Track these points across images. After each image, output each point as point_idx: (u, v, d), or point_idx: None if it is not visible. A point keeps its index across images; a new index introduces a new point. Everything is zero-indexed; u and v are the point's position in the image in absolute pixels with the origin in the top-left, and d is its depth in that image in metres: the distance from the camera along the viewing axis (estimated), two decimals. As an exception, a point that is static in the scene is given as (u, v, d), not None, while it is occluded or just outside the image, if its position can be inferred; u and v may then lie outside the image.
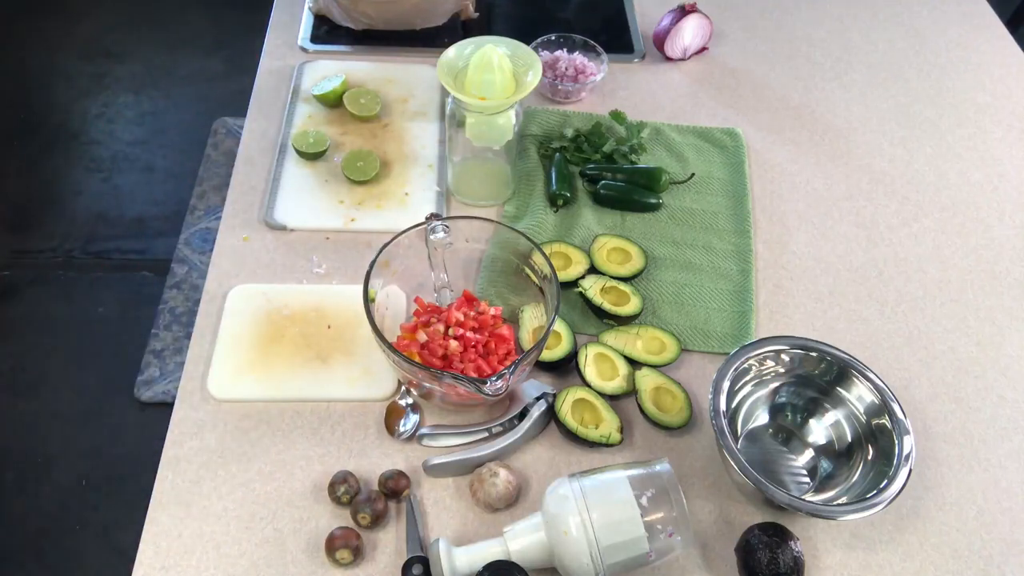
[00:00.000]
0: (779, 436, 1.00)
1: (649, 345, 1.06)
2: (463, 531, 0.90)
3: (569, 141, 1.28)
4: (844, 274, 1.18)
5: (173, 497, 0.91)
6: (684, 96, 1.42)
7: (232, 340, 1.02)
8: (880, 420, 0.94)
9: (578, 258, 1.13)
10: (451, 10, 1.44)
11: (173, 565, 0.86)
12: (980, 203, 1.30)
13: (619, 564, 0.81)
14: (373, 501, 0.88)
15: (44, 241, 2.33)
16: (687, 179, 1.27)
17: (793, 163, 1.33)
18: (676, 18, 1.43)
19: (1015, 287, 1.19)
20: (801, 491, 0.95)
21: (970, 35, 1.59)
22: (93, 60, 2.83)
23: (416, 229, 0.98)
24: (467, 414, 0.99)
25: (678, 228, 1.21)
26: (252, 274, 1.11)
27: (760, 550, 0.85)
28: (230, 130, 2.61)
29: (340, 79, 1.31)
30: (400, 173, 1.23)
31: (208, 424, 0.96)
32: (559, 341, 1.03)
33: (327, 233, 1.16)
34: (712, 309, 1.11)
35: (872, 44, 1.56)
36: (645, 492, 0.82)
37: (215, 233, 1.31)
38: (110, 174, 2.51)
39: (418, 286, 1.04)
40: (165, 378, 2.03)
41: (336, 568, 0.86)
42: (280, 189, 1.20)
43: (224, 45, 2.91)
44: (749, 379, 0.98)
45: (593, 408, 0.98)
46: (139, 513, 0.89)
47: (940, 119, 1.43)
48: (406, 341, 0.97)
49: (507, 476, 0.91)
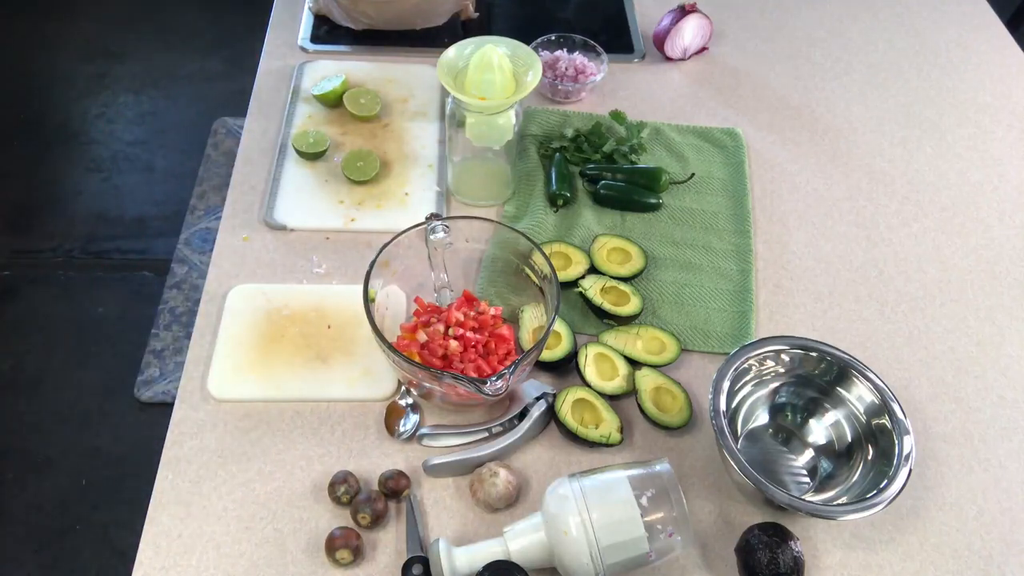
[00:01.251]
0: (779, 436, 1.00)
1: (649, 345, 1.06)
2: (463, 531, 0.90)
3: (569, 141, 1.28)
4: (844, 274, 1.18)
5: (173, 497, 0.91)
6: (684, 96, 1.42)
7: (232, 340, 1.02)
8: (880, 420, 0.94)
9: (578, 258, 1.13)
10: (451, 10, 1.44)
11: (173, 565, 0.86)
12: (980, 203, 1.30)
13: (619, 564, 0.81)
14: (373, 501, 0.88)
15: (44, 241, 2.33)
16: (687, 179, 1.27)
17: (793, 163, 1.33)
18: (676, 18, 1.43)
19: (1015, 287, 1.19)
20: (801, 491, 0.95)
21: (970, 35, 1.59)
22: (93, 60, 2.83)
23: (416, 229, 0.98)
24: (467, 414, 0.99)
25: (678, 228, 1.21)
26: (252, 274, 1.11)
27: (760, 550, 0.85)
28: (230, 130, 2.61)
29: (340, 79, 1.31)
30: (400, 173, 1.23)
31: (208, 424, 0.96)
32: (559, 341, 1.03)
33: (327, 233, 1.16)
34: (712, 309, 1.11)
35: (872, 44, 1.56)
36: (645, 492, 0.82)
37: (215, 233, 1.31)
38: (110, 174, 2.51)
39: (418, 286, 1.04)
40: (165, 378, 2.03)
41: (336, 568, 0.86)
42: (280, 189, 1.20)
43: (224, 45, 2.91)
44: (749, 379, 0.98)
45: (593, 408, 0.98)
46: (139, 513, 0.89)
47: (940, 119, 1.43)
48: (406, 341, 0.97)
49: (507, 476, 0.91)
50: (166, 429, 0.96)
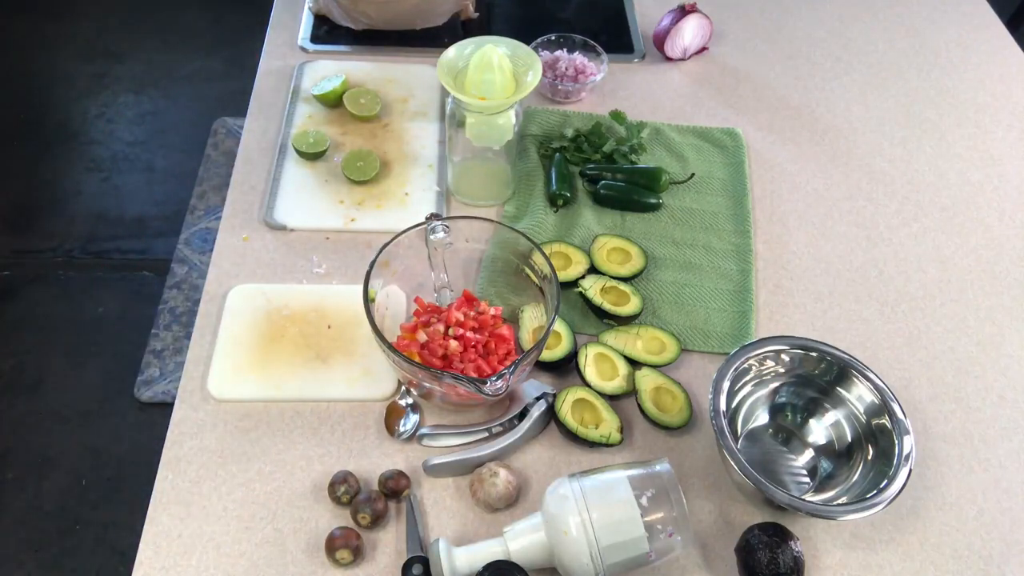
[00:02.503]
0: (779, 436, 1.00)
1: (649, 345, 1.05)
2: (463, 531, 0.90)
3: (569, 141, 1.28)
4: (844, 274, 1.18)
5: (173, 497, 0.91)
6: (684, 96, 1.42)
7: (232, 340, 1.02)
8: (880, 420, 0.94)
9: (578, 258, 1.13)
10: (451, 10, 1.44)
11: (173, 565, 0.86)
12: (980, 203, 1.30)
13: (619, 564, 0.81)
14: (373, 501, 0.88)
15: (44, 241, 2.32)
16: (687, 179, 1.27)
17: (793, 163, 1.33)
18: (676, 18, 1.43)
19: (1015, 287, 1.19)
20: (801, 491, 0.95)
21: (970, 35, 1.59)
22: (93, 60, 2.83)
23: (416, 229, 0.98)
24: (467, 414, 0.99)
25: (678, 228, 1.21)
26: (252, 274, 1.11)
27: (760, 550, 0.85)
28: (230, 130, 2.61)
29: (340, 79, 1.31)
30: (400, 173, 1.23)
31: (208, 424, 0.96)
32: (559, 341, 1.03)
33: (327, 233, 1.16)
34: (712, 309, 1.11)
35: (872, 44, 1.56)
36: (645, 492, 0.83)
37: (215, 233, 1.31)
38: (110, 174, 2.51)
39: (418, 286, 1.04)
40: (165, 378, 2.03)
41: (336, 568, 0.86)
42: (280, 189, 1.20)
43: (224, 45, 2.91)
44: (749, 379, 0.98)
45: (593, 408, 0.98)
46: (139, 513, 0.89)
47: (940, 119, 1.43)
48: (406, 341, 0.97)
49: (507, 476, 0.91)
50: (166, 429, 0.96)
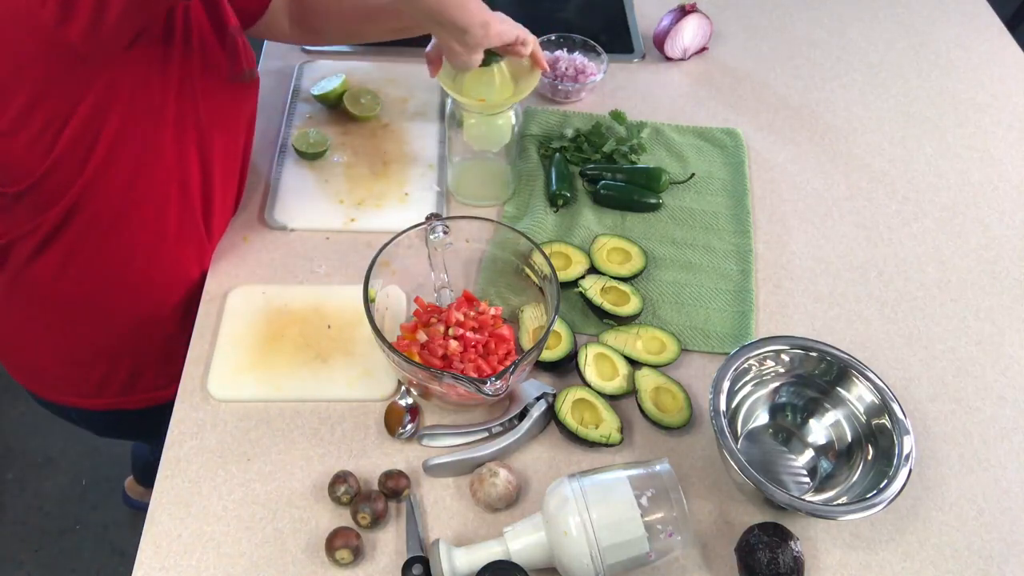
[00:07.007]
0: (779, 436, 1.00)
1: (649, 345, 1.06)
2: (463, 531, 0.90)
3: (569, 141, 1.28)
4: (844, 274, 1.18)
5: (173, 497, 0.91)
6: (684, 96, 1.42)
7: (232, 340, 1.02)
8: (880, 420, 0.94)
9: (578, 258, 1.13)
10: (451, 10, 1.44)
11: (173, 565, 0.86)
12: (980, 203, 1.30)
13: (619, 564, 0.81)
14: (373, 501, 0.88)
15: (44, 241, 2.32)
16: (687, 179, 1.27)
17: (793, 163, 1.33)
18: (676, 18, 1.43)
19: (1015, 287, 1.19)
20: (801, 491, 0.95)
21: (970, 35, 1.59)
22: (93, 60, 2.83)
23: (416, 229, 0.98)
24: (467, 414, 0.99)
25: (678, 228, 1.21)
26: (252, 274, 1.11)
27: (760, 550, 0.85)
28: (230, 130, 2.61)
29: (340, 79, 1.31)
30: (400, 173, 1.23)
31: (208, 424, 0.96)
32: (559, 341, 1.03)
33: (327, 233, 1.16)
34: (712, 309, 1.11)
35: (872, 44, 1.56)
36: (645, 492, 0.83)
37: (215, 233, 1.30)
38: (110, 174, 2.50)
39: (418, 286, 1.04)
40: (165, 378, 2.02)
41: (336, 568, 0.86)
42: (280, 189, 1.20)
43: (224, 45, 2.91)
44: (749, 379, 0.98)
45: (593, 408, 0.98)
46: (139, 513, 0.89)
47: (940, 119, 1.43)
48: (406, 341, 0.97)
49: (507, 476, 0.91)
50: (166, 429, 0.96)
